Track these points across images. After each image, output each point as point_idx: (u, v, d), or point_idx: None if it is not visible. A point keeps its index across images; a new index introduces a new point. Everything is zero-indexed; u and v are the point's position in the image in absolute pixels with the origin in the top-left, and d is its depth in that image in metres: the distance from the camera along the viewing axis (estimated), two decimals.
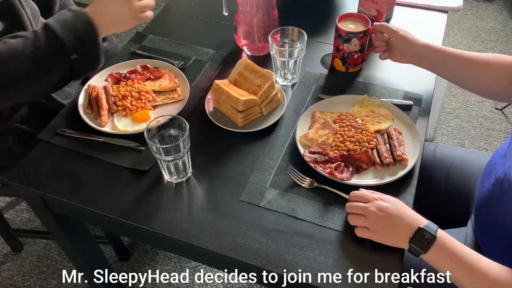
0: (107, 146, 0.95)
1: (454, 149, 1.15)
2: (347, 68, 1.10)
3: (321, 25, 1.28)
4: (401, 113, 0.98)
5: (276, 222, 0.81)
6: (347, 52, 1.07)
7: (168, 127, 0.86)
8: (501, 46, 2.55)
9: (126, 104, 1.01)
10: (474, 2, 2.89)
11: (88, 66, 0.90)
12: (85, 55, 0.88)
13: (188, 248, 0.82)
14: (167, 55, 1.16)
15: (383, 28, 1.02)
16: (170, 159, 0.83)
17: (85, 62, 0.89)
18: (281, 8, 1.14)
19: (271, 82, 0.98)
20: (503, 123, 2.12)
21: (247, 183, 0.88)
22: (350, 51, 1.07)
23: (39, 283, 1.56)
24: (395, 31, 1.00)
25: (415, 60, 1.00)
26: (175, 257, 1.60)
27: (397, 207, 0.76)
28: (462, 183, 1.05)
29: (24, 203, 1.79)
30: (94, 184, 0.89)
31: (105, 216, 0.84)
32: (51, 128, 0.98)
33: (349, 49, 1.06)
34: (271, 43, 1.02)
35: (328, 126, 0.95)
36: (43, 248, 1.65)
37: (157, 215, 0.83)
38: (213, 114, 1.00)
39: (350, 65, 1.10)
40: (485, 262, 0.70)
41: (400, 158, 0.88)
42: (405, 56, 1.01)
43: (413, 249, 0.72)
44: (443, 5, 1.33)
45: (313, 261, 0.76)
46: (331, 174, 0.86)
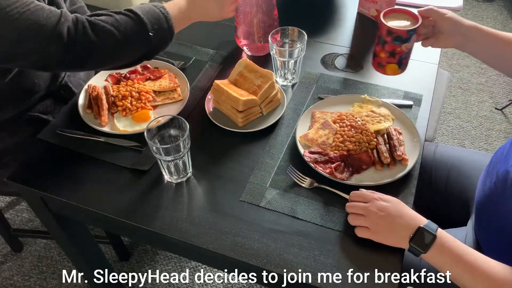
0: (107, 146, 0.95)
1: (454, 149, 1.15)
2: (402, 69, 0.98)
3: (321, 25, 1.29)
4: (401, 113, 0.98)
5: (276, 222, 0.81)
6: (405, 52, 0.94)
7: (168, 127, 0.86)
8: None
9: (126, 104, 1.01)
10: (474, 2, 2.89)
11: (161, 46, 0.93)
12: (162, 37, 0.92)
13: (188, 248, 0.82)
14: (167, 55, 1.16)
15: (430, 12, 0.93)
16: (170, 159, 0.83)
17: (161, 45, 0.93)
18: (281, 8, 1.14)
19: (271, 82, 0.98)
20: (503, 123, 2.12)
21: (247, 183, 0.88)
22: (409, 50, 0.94)
23: (39, 283, 1.56)
24: (443, 13, 0.92)
25: (460, 42, 0.94)
26: (175, 257, 1.60)
27: (397, 207, 0.76)
28: (462, 183, 1.05)
29: (24, 203, 1.79)
30: (94, 184, 0.89)
31: (105, 216, 0.84)
32: (51, 128, 0.98)
33: (408, 47, 0.93)
34: (271, 43, 1.02)
35: (328, 126, 0.95)
36: (43, 248, 1.65)
37: (157, 215, 0.83)
38: (213, 114, 1.00)
39: (405, 65, 0.98)
40: (485, 261, 0.71)
41: (400, 158, 0.88)
42: (452, 38, 0.94)
43: (413, 248, 0.72)
44: (443, 5, 1.33)
45: (313, 261, 0.76)
46: (331, 174, 0.86)
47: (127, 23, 0.87)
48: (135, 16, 0.88)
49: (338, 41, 1.22)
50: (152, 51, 0.93)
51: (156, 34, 0.89)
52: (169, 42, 0.94)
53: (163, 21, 0.90)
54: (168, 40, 0.94)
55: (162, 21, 0.90)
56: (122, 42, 0.87)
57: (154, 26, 0.89)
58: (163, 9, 0.91)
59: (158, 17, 0.90)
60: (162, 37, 0.91)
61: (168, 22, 0.91)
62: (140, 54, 0.91)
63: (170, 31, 0.92)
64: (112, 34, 0.85)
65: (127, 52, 0.90)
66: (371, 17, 1.29)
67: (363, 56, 1.17)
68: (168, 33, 0.92)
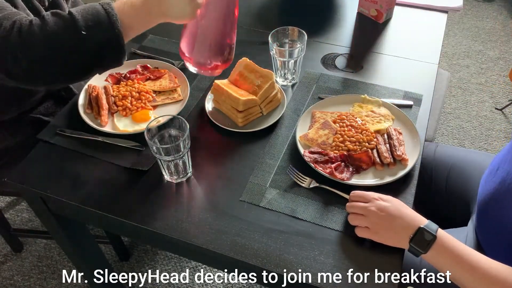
0: (107, 146, 0.95)
1: (455, 149, 1.15)
2: None
3: (321, 25, 1.29)
4: (401, 113, 0.98)
5: (276, 222, 0.81)
6: None
7: (168, 127, 0.86)
8: (501, 46, 2.55)
9: (126, 104, 1.01)
10: (474, 2, 2.89)
11: (107, 47, 0.81)
12: (101, 37, 0.80)
13: (188, 248, 0.82)
14: (167, 55, 1.16)
15: None
16: (170, 159, 0.83)
17: (104, 47, 0.81)
18: (281, 8, 1.14)
19: (271, 82, 0.98)
20: (503, 123, 2.12)
21: (247, 183, 0.88)
22: None
23: (39, 283, 1.56)
24: None
25: None
26: (175, 257, 1.60)
27: (397, 207, 0.76)
28: (462, 183, 1.05)
29: (24, 203, 1.79)
30: (94, 184, 0.89)
31: (105, 216, 0.84)
32: (51, 128, 0.99)
33: None
34: (271, 43, 1.02)
35: (328, 126, 0.95)
36: (43, 248, 1.65)
37: (157, 215, 0.83)
38: (213, 114, 1.00)
39: None
40: (485, 261, 0.70)
41: (400, 158, 0.88)
42: None
43: (414, 249, 0.72)
44: (443, 5, 1.33)
45: (313, 261, 0.76)
46: (331, 174, 0.86)
47: (56, 22, 0.77)
48: (68, 15, 0.78)
49: (338, 41, 1.22)
50: (96, 54, 0.80)
51: (92, 32, 0.77)
52: (118, 43, 0.80)
53: (102, 17, 0.78)
54: (113, 40, 0.79)
55: (101, 17, 0.78)
56: (49, 43, 0.77)
57: (89, 23, 0.77)
58: (106, 4, 0.80)
59: (97, 13, 0.78)
60: (102, 36, 0.79)
61: (110, 18, 0.78)
62: (81, 58, 0.79)
63: (113, 29, 0.78)
64: (35, 34, 0.76)
65: (60, 56, 0.79)
66: (371, 17, 1.29)
67: (363, 56, 1.17)
68: (111, 30, 0.78)
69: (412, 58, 1.16)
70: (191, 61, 0.94)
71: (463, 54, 2.51)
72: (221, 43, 0.93)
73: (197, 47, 0.92)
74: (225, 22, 0.91)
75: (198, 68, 0.95)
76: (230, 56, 0.96)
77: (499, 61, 2.45)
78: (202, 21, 0.89)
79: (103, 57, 0.80)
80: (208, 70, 0.95)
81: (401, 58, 1.16)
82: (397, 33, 1.25)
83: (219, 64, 0.95)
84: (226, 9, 0.90)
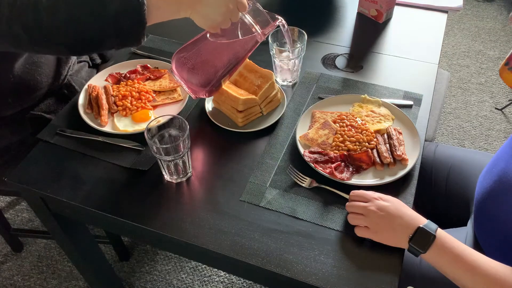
0: (107, 146, 0.95)
1: (455, 149, 1.15)
2: None
3: (321, 25, 1.29)
4: (401, 113, 0.98)
5: (276, 222, 0.82)
6: None
7: (168, 127, 0.86)
8: (501, 46, 2.55)
9: (126, 104, 1.01)
10: (474, 2, 2.89)
11: (129, 23, 0.75)
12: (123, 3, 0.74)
13: (188, 248, 0.82)
14: (167, 55, 1.16)
15: None
16: (170, 159, 0.83)
17: (124, 15, 0.75)
18: (281, 8, 1.14)
19: (271, 82, 0.98)
20: (503, 123, 2.12)
21: (247, 183, 0.88)
22: None
23: (39, 283, 1.56)
24: None
25: None
26: (175, 257, 1.60)
27: (397, 206, 0.76)
28: (462, 183, 1.05)
29: (24, 203, 1.79)
30: (94, 184, 0.89)
31: (105, 216, 0.84)
32: (51, 128, 0.99)
33: None
34: (271, 43, 1.02)
35: (328, 126, 0.95)
36: (43, 248, 1.65)
37: (157, 215, 0.83)
38: (213, 114, 1.00)
39: None
40: (485, 260, 0.71)
41: (400, 158, 0.88)
42: None
43: (413, 248, 0.72)
44: (443, 5, 1.33)
45: (313, 261, 0.76)
46: (331, 174, 0.86)
47: None
48: None
49: (338, 41, 1.22)
50: (115, 21, 0.74)
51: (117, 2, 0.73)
52: (139, 13, 0.74)
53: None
54: (135, 9, 0.74)
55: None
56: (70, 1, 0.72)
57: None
58: None
59: None
60: (123, 2, 0.73)
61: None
62: (98, 23, 0.74)
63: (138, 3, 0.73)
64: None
65: (80, 18, 0.73)
66: (371, 17, 1.29)
67: (363, 56, 1.17)
68: (137, 3, 0.73)
69: (412, 58, 1.16)
70: (178, 75, 0.91)
71: (463, 54, 2.51)
72: (214, 75, 0.91)
73: (191, 64, 0.89)
74: (229, 60, 0.90)
75: (182, 81, 0.91)
76: (213, 91, 0.93)
77: (499, 61, 2.45)
78: (212, 45, 0.89)
79: (121, 26, 0.75)
80: (189, 90, 0.92)
81: (401, 58, 1.17)
82: (397, 33, 1.25)
83: (200, 91, 0.92)
84: (239, 50, 0.90)
